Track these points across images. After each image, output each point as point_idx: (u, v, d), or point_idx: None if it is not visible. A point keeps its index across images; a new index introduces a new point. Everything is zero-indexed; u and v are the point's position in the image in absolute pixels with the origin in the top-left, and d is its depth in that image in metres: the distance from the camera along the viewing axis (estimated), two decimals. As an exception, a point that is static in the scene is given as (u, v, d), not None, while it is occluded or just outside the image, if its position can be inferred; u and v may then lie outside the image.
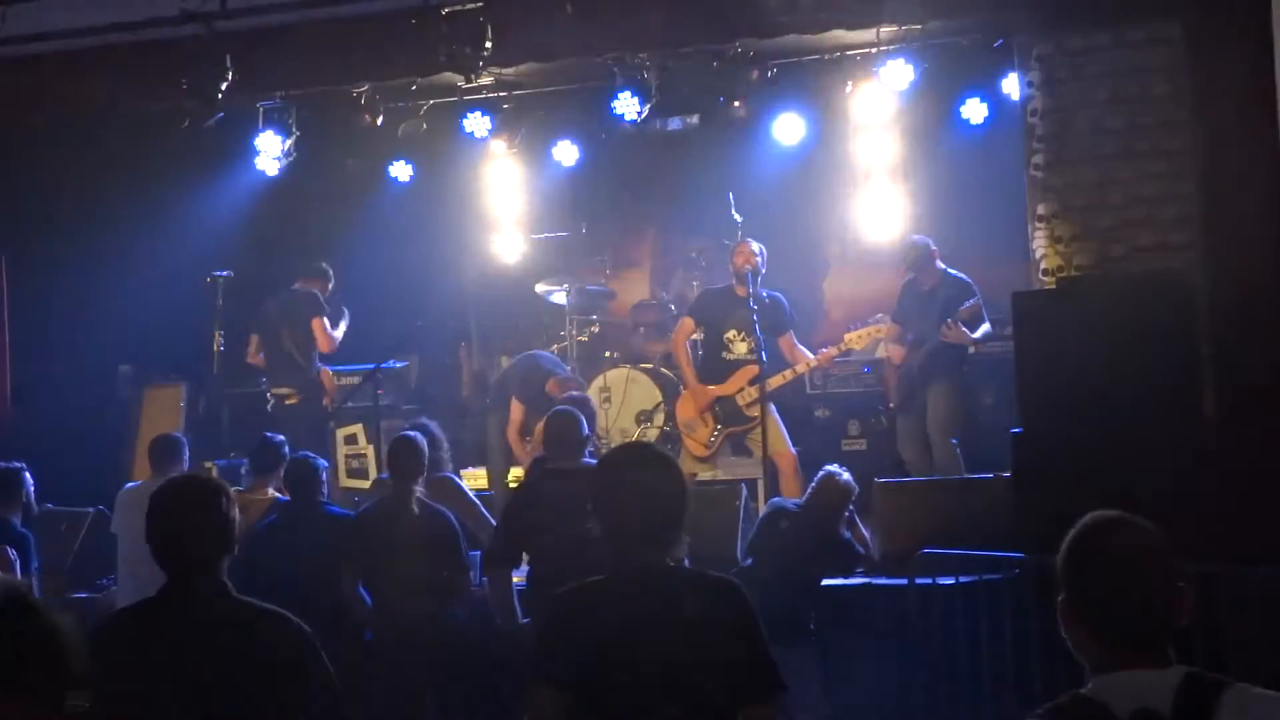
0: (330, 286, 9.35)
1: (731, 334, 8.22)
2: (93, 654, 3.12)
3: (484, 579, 6.21)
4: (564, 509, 5.11)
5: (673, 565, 3.08)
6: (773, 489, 7.88)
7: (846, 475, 6.77)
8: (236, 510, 3.19)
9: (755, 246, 8.17)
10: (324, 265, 9.38)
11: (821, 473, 6.84)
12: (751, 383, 8.02)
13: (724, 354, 8.24)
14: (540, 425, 6.26)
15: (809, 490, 6.88)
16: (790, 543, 6.51)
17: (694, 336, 8.49)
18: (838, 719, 5.93)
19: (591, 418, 6.83)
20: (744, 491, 7.57)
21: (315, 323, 9.01)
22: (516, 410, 8.66)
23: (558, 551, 5.16)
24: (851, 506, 6.80)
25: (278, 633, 3.12)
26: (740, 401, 8.13)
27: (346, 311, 9.42)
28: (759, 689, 2.97)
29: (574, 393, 7.67)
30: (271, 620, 3.15)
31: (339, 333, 9.21)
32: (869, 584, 6.21)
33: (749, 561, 6.70)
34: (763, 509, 7.09)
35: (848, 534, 6.78)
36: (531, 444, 8.81)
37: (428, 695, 6.00)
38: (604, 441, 8.29)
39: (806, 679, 5.92)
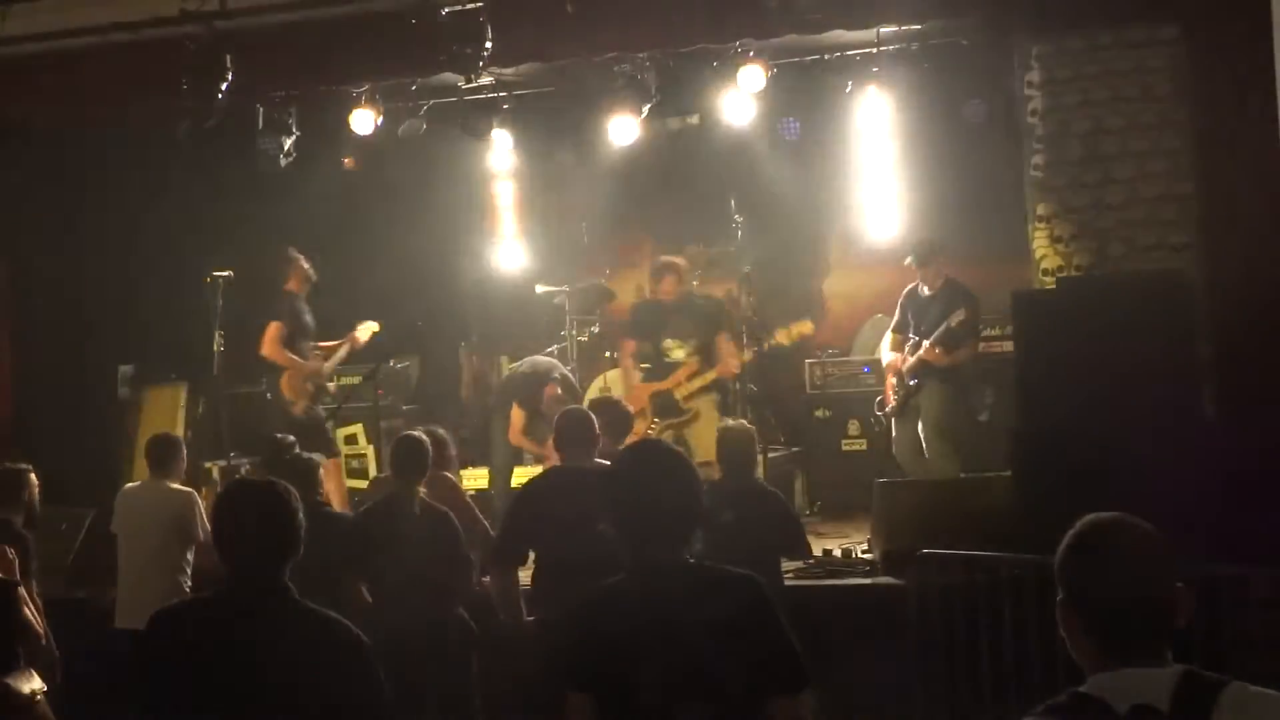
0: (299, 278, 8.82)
1: (669, 343, 8.39)
2: (148, 647, 3.14)
3: (485, 578, 6.22)
4: (573, 507, 5.09)
5: (691, 562, 3.06)
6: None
7: (739, 420, 6.65)
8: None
9: (683, 265, 8.52)
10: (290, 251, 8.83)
11: (718, 432, 6.45)
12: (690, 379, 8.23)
13: (664, 359, 8.42)
14: (554, 423, 6.21)
15: (721, 457, 6.28)
16: (748, 528, 5.77)
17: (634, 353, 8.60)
18: (825, 713, 5.86)
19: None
20: None
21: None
22: (517, 415, 8.67)
23: (565, 550, 5.14)
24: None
25: (335, 637, 3.13)
26: (677, 395, 8.27)
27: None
28: (786, 681, 2.96)
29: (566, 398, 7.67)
30: (331, 627, 3.15)
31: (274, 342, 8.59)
32: (868, 584, 6.18)
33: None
34: None
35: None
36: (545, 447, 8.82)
37: (428, 695, 5.99)
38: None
39: None
